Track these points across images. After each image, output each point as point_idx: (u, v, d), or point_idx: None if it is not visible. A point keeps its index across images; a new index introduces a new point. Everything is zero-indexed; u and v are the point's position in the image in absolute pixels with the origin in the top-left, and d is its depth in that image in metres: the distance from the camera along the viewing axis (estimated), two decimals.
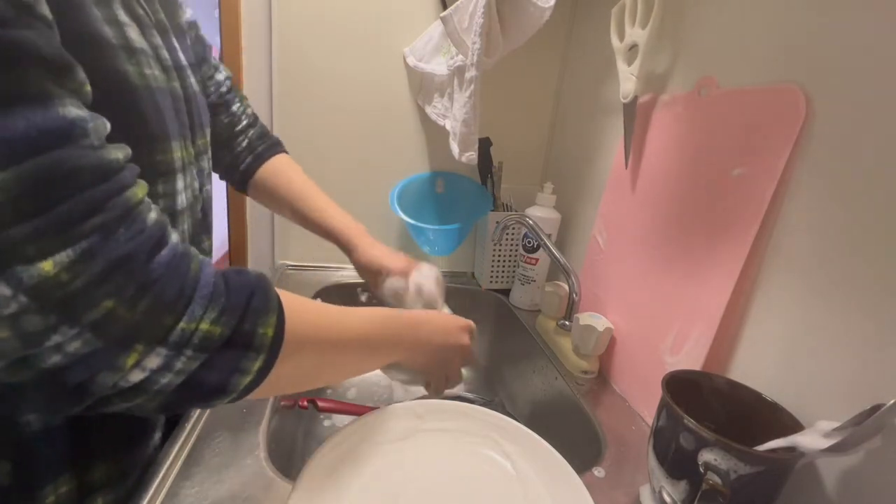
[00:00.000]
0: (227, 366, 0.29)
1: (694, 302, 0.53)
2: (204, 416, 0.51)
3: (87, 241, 0.23)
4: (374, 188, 0.98)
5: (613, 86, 0.76)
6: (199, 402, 0.30)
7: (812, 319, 0.42)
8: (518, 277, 0.91)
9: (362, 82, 0.92)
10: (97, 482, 0.38)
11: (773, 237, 0.46)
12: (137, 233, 0.26)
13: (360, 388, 0.86)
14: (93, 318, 0.24)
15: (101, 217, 0.24)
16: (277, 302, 0.32)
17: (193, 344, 0.27)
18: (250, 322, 0.30)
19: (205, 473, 0.44)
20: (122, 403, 0.27)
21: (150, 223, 0.27)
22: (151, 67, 0.35)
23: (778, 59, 0.46)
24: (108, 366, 0.25)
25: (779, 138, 0.44)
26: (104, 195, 0.25)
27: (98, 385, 0.25)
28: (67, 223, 0.23)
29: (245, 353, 0.30)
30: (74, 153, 0.24)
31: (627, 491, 0.48)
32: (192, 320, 0.27)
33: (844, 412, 0.34)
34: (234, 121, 0.64)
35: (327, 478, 0.41)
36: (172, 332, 0.26)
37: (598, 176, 0.80)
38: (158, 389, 0.27)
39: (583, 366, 0.67)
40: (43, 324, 0.23)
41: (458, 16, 0.68)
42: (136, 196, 0.27)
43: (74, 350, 0.24)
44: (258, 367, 0.30)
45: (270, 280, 0.34)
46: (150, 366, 0.26)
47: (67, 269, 0.23)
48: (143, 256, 0.26)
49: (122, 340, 0.25)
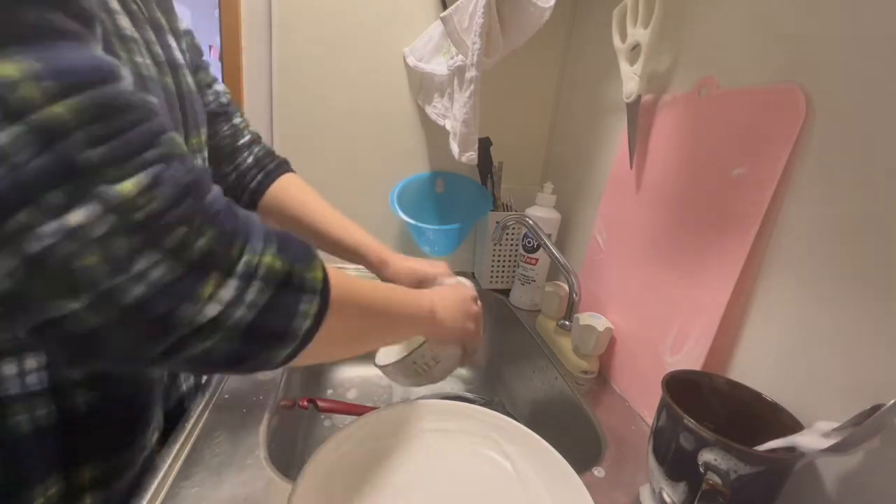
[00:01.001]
0: (289, 308, 0.29)
1: (694, 302, 0.53)
2: (204, 416, 0.51)
3: (154, 167, 0.24)
4: (374, 188, 0.98)
5: (613, 86, 0.76)
6: (262, 352, 0.30)
7: (812, 319, 0.42)
8: (518, 277, 0.91)
9: (362, 82, 0.92)
10: (87, 483, 0.38)
11: (773, 237, 0.46)
12: (191, 168, 0.27)
13: (360, 388, 0.86)
14: (172, 244, 0.24)
15: (161, 149, 0.25)
16: (315, 251, 0.33)
17: (260, 275, 0.28)
18: (300, 266, 0.30)
19: (205, 473, 0.44)
20: (200, 344, 0.26)
21: (196, 167, 0.28)
22: (143, 57, 0.35)
23: (778, 59, 0.46)
24: (188, 295, 0.25)
25: (779, 138, 0.44)
26: (158, 129, 0.26)
27: (180, 318, 0.25)
28: (136, 150, 0.24)
29: (301, 294, 0.30)
30: (122, 89, 0.25)
31: (627, 491, 0.48)
32: (254, 252, 0.28)
33: (844, 412, 0.34)
34: (237, 133, 0.62)
35: (327, 478, 0.41)
36: (239, 262, 0.27)
37: (598, 176, 0.80)
38: (231, 325, 0.27)
39: (583, 366, 0.67)
40: (129, 246, 0.23)
41: (458, 16, 0.68)
42: (181, 144, 0.28)
43: (157, 278, 0.24)
44: (315, 310, 0.31)
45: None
46: (224, 297, 0.26)
47: (145, 192, 0.23)
48: (204, 187, 0.27)
49: (199, 268, 0.25)
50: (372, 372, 0.89)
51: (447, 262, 0.66)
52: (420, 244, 0.97)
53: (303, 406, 0.62)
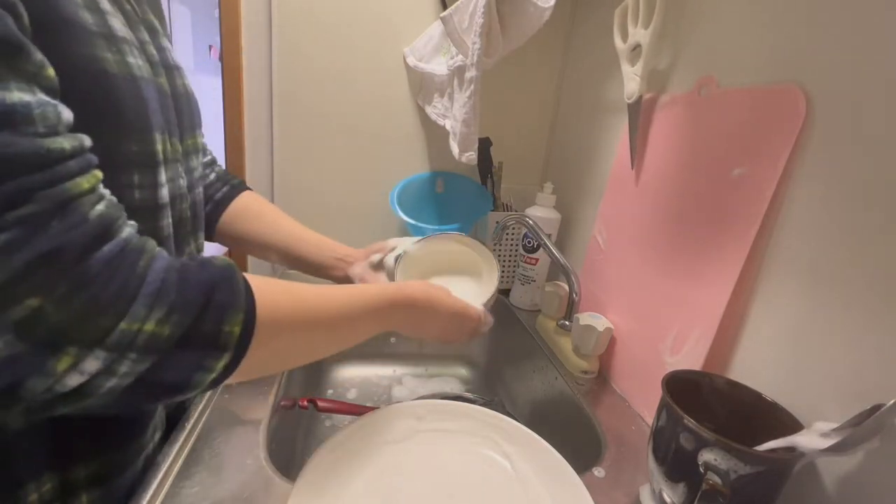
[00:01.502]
0: (187, 365, 0.28)
1: (694, 302, 0.53)
2: (204, 416, 0.51)
3: (10, 232, 0.22)
4: (374, 188, 0.98)
5: (613, 86, 0.76)
6: (158, 401, 0.29)
7: (812, 319, 0.42)
8: (518, 277, 0.91)
9: (362, 82, 0.92)
10: (82, 480, 0.37)
11: (773, 237, 0.46)
12: (72, 227, 0.24)
13: (360, 388, 0.86)
14: (15, 318, 0.22)
15: (31, 207, 0.23)
16: (245, 295, 0.31)
17: (137, 346, 0.26)
18: (213, 320, 0.29)
19: (205, 473, 0.44)
20: (65, 408, 0.25)
21: (91, 216, 0.25)
22: (136, 57, 0.34)
23: (778, 59, 0.46)
24: (36, 370, 0.23)
25: (779, 138, 0.44)
26: (37, 184, 0.23)
27: (28, 391, 0.23)
28: None
29: (208, 351, 0.29)
30: (10, 139, 0.22)
31: (627, 491, 0.48)
32: (134, 320, 0.25)
33: (844, 412, 0.34)
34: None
35: (327, 478, 0.41)
36: (111, 333, 0.25)
37: (598, 176, 0.80)
38: (104, 392, 0.25)
39: (583, 366, 0.67)
40: None
41: (458, 16, 0.68)
42: (79, 187, 0.25)
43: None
44: (224, 364, 0.29)
45: (236, 269, 0.32)
46: (88, 369, 0.24)
47: None
48: (75, 252, 0.24)
49: (50, 343, 0.23)
50: (372, 372, 0.89)
51: None
52: None
53: (303, 406, 0.62)
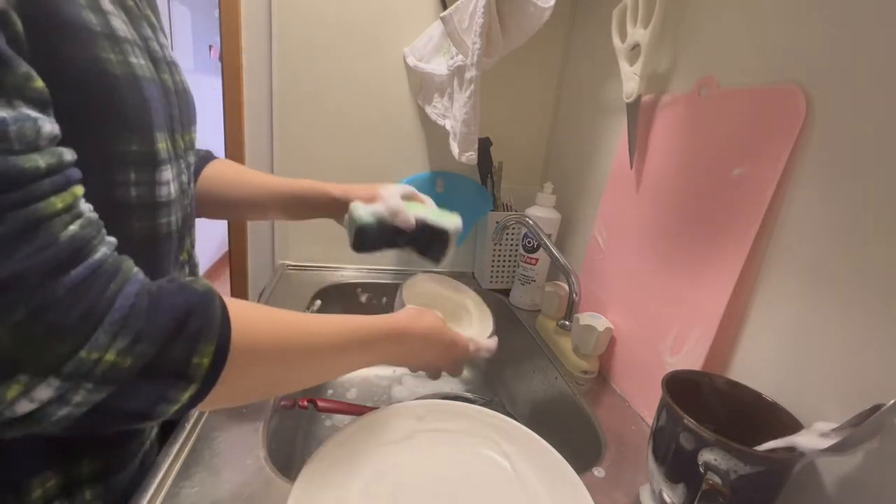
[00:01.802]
0: (149, 395, 0.27)
1: (694, 302, 0.53)
2: (204, 416, 0.51)
3: None
4: None
5: (613, 86, 0.76)
6: (118, 427, 0.28)
7: (812, 319, 0.42)
8: (518, 277, 0.91)
9: (362, 82, 0.92)
10: (85, 476, 0.38)
11: (773, 237, 0.46)
12: (38, 249, 0.23)
13: (360, 388, 0.86)
14: None
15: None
16: (219, 323, 0.30)
17: (95, 376, 0.25)
18: (183, 349, 0.28)
19: (205, 473, 0.44)
20: (14, 432, 0.24)
21: (62, 238, 0.24)
22: (138, 57, 0.34)
23: (778, 59, 0.46)
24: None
25: (779, 138, 0.44)
26: (7, 205, 0.22)
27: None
28: None
29: (173, 381, 0.28)
30: None
31: (627, 491, 0.48)
32: (94, 349, 0.24)
33: (844, 412, 0.34)
34: None
35: (327, 478, 0.41)
36: (68, 362, 0.24)
37: (598, 176, 0.80)
38: (57, 420, 0.25)
39: (583, 366, 0.67)
40: None
41: (458, 16, 0.68)
42: (52, 207, 0.24)
43: None
44: (189, 395, 0.29)
45: (216, 295, 0.32)
46: (40, 397, 0.23)
47: None
48: (38, 276, 0.23)
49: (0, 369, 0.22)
50: (372, 372, 0.89)
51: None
52: None
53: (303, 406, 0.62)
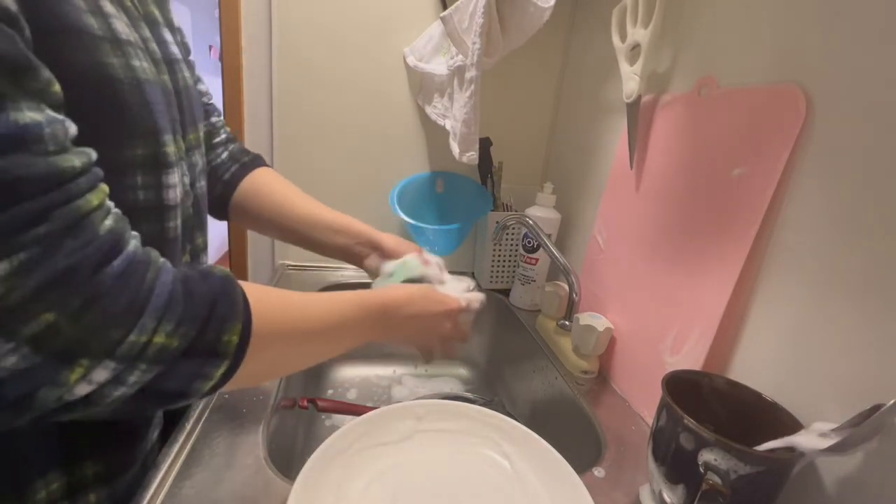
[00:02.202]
0: (188, 373, 0.29)
1: (694, 302, 0.53)
2: (204, 416, 0.51)
3: (25, 252, 0.23)
4: (374, 188, 0.98)
5: (614, 86, 0.76)
6: (159, 407, 0.31)
7: (812, 319, 0.42)
8: (518, 277, 0.91)
9: (362, 82, 0.92)
10: (89, 478, 0.38)
11: (774, 237, 0.46)
12: (85, 244, 0.25)
13: (360, 388, 0.86)
14: (31, 332, 0.23)
15: (45, 227, 0.23)
16: (243, 305, 0.32)
17: (147, 357, 0.27)
18: (214, 330, 0.30)
19: (205, 473, 0.44)
20: (71, 415, 0.26)
21: (102, 232, 0.26)
22: (140, 59, 0.34)
23: (778, 59, 0.46)
24: (49, 381, 0.24)
25: (779, 138, 0.44)
26: (51, 204, 0.24)
27: (40, 400, 0.24)
28: (6, 233, 0.22)
29: (208, 360, 0.30)
30: (23, 160, 0.23)
31: (627, 491, 0.48)
32: (143, 333, 0.27)
33: (844, 412, 0.34)
34: (213, 132, 0.60)
35: (327, 478, 0.41)
36: (121, 345, 0.26)
37: (598, 176, 0.80)
38: (111, 401, 0.26)
39: (583, 366, 0.67)
40: None
41: (458, 16, 0.68)
42: (90, 204, 0.26)
43: (11, 365, 0.23)
44: (222, 372, 0.31)
45: (235, 281, 0.34)
46: (97, 379, 0.25)
47: (2, 282, 0.22)
48: (89, 269, 0.25)
49: (64, 355, 0.24)
50: (372, 372, 0.90)
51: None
52: (420, 244, 0.96)
53: (303, 406, 0.62)
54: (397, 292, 0.50)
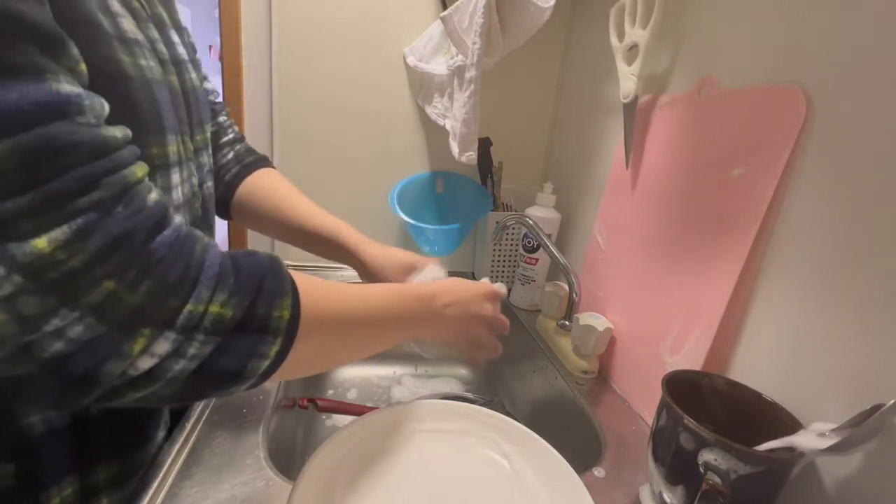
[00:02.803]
0: (244, 350, 0.29)
1: (694, 302, 0.53)
2: (204, 416, 0.51)
3: (83, 217, 0.23)
4: (374, 188, 0.98)
5: (613, 86, 0.76)
6: (216, 390, 0.29)
7: (812, 319, 0.42)
8: (518, 277, 0.91)
9: (362, 82, 0.92)
10: (102, 483, 0.38)
11: (774, 237, 0.46)
12: (136, 211, 0.25)
13: (360, 388, 0.86)
14: (94, 301, 0.23)
15: (98, 194, 0.23)
16: (291, 284, 0.32)
17: (205, 327, 0.27)
18: (264, 305, 0.29)
19: (205, 473, 0.44)
20: (134, 393, 0.26)
21: (150, 203, 0.26)
22: (147, 59, 0.34)
23: (778, 59, 0.46)
24: (114, 352, 0.24)
25: (779, 138, 0.44)
26: (101, 171, 0.24)
27: (105, 374, 0.24)
28: (62, 199, 0.22)
29: (261, 336, 0.29)
30: (69, 128, 0.23)
31: (627, 491, 0.48)
32: (199, 302, 0.27)
33: (844, 412, 0.34)
34: (220, 132, 0.61)
35: (327, 478, 0.41)
36: (180, 314, 0.26)
37: (598, 176, 0.80)
38: (172, 377, 0.26)
39: (583, 366, 0.67)
40: (41, 306, 0.22)
41: (458, 16, 0.68)
42: (135, 175, 0.26)
43: (77, 335, 0.23)
44: (276, 350, 0.30)
45: (281, 260, 0.33)
46: (159, 351, 0.25)
47: (63, 247, 0.22)
48: (143, 235, 0.25)
49: (126, 324, 0.24)
50: (372, 372, 0.89)
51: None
52: (420, 244, 0.97)
53: (303, 406, 0.62)
54: (430, 285, 0.49)
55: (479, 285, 0.52)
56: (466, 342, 0.51)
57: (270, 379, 0.31)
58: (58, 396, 0.25)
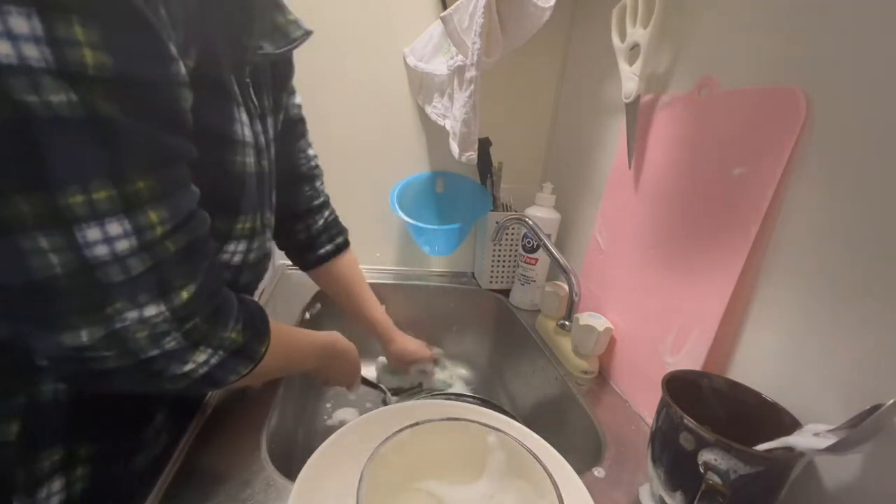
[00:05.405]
0: (232, 367, 0.38)
1: (694, 302, 0.53)
2: (205, 416, 0.51)
3: (202, 277, 0.34)
4: (374, 188, 0.98)
5: (613, 86, 0.76)
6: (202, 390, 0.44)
7: (812, 319, 0.42)
8: (518, 277, 0.91)
9: (362, 82, 0.92)
10: (83, 456, 0.40)
11: (774, 237, 0.46)
12: (218, 272, 0.37)
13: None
14: (185, 329, 0.33)
15: (207, 261, 0.35)
16: (268, 325, 0.43)
17: (224, 346, 0.37)
18: (256, 340, 0.40)
19: (205, 473, 0.44)
20: (174, 387, 0.35)
21: (226, 293, 0.38)
22: (249, 156, 0.43)
23: (778, 59, 0.46)
24: (181, 359, 0.34)
25: (779, 138, 0.44)
26: (209, 250, 0.36)
27: (168, 372, 0.33)
28: (197, 266, 0.34)
29: (245, 360, 0.39)
30: (203, 224, 0.35)
31: (627, 491, 0.48)
32: (226, 329, 0.37)
33: (844, 412, 0.34)
34: (314, 195, 0.69)
35: (327, 477, 0.41)
36: (216, 337, 0.36)
37: (598, 176, 0.80)
38: (195, 378, 0.35)
39: (583, 366, 0.67)
40: (166, 328, 0.32)
41: (458, 16, 0.68)
42: (225, 292, 0.38)
43: (171, 347, 0.33)
44: (247, 371, 0.40)
45: (264, 309, 0.44)
46: (199, 360, 0.35)
47: (193, 297, 0.33)
48: (219, 289, 0.37)
49: (197, 343, 0.34)
50: (371, 373, 0.89)
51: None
52: (420, 244, 0.97)
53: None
54: (340, 351, 0.62)
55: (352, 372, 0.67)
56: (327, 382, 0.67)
57: None
58: (128, 385, 0.34)
